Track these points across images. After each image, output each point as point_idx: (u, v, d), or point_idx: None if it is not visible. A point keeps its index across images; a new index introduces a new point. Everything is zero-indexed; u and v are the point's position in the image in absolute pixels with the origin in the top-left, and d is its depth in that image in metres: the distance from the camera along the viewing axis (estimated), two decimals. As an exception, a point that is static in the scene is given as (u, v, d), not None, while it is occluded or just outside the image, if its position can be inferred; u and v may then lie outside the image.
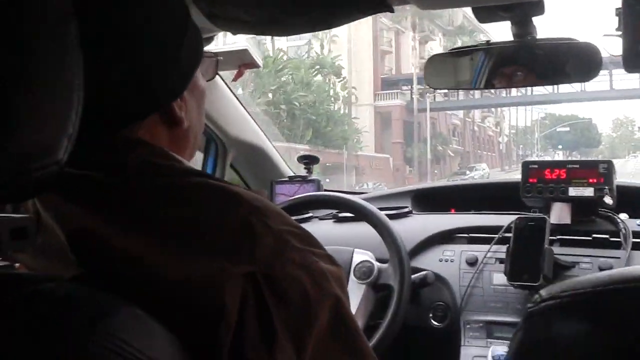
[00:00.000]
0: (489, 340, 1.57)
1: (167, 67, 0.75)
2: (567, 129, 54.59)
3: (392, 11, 1.21)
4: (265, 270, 0.64)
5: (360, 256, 1.63)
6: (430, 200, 2.14)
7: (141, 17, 0.73)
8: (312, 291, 0.67)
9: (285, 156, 2.30)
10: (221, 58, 0.95)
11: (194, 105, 0.83)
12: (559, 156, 51.77)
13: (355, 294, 1.53)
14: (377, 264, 1.59)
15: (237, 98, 2.04)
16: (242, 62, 1.63)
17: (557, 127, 54.35)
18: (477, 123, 46.45)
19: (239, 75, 1.12)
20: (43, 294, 0.54)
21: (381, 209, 1.65)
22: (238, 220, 0.67)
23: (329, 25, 1.33)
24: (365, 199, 1.70)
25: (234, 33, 1.40)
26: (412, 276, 1.55)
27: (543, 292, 0.70)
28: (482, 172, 35.33)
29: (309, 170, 2.22)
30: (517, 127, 55.30)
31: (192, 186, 0.70)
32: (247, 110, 2.09)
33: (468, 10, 1.32)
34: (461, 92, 35.66)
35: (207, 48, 1.12)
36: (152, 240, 0.65)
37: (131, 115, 0.75)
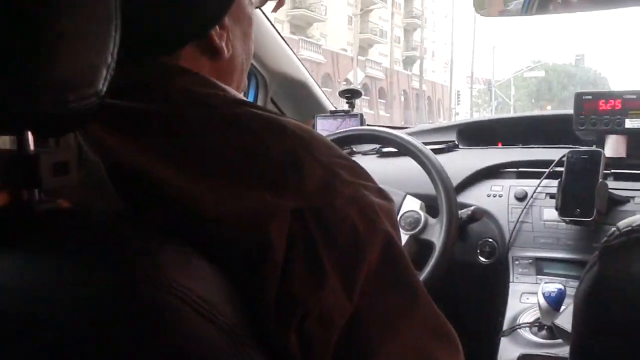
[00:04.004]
0: (538, 276, 1.53)
1: None
2: (542, 73, 40.62)
3: None
4: (313, 204, 0.61)
5: (410, 204, 1.59)
6: (477, 134, 2.07)
7: None
8: (362, 227, 0.63)
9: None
10: None
11: (238, 33, 0.77)
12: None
13: None
14: (424, 216, 1.55)
15: (277, 30, 1.98)
16: (282, -9, 1.56)
17: (524, 70, 39.46)
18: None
19: (279, 5, 1.07)
20: (91, 226, 0.52)
21: (426, 143, 1.60)
22: (285, 152, 0.63)
23: None
24: (409, 134, 1.65)
25: None
26: (460, 212, 1.51)
27: (621, 225, 0.65)
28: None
29: (351, 105, 2.17)
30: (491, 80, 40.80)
31: (237, 115, 0.66)
32: (287, 44, 2.04)
33: None
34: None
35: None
36: (193, 172, 0.62)
37: (164, 44, 0.70)
